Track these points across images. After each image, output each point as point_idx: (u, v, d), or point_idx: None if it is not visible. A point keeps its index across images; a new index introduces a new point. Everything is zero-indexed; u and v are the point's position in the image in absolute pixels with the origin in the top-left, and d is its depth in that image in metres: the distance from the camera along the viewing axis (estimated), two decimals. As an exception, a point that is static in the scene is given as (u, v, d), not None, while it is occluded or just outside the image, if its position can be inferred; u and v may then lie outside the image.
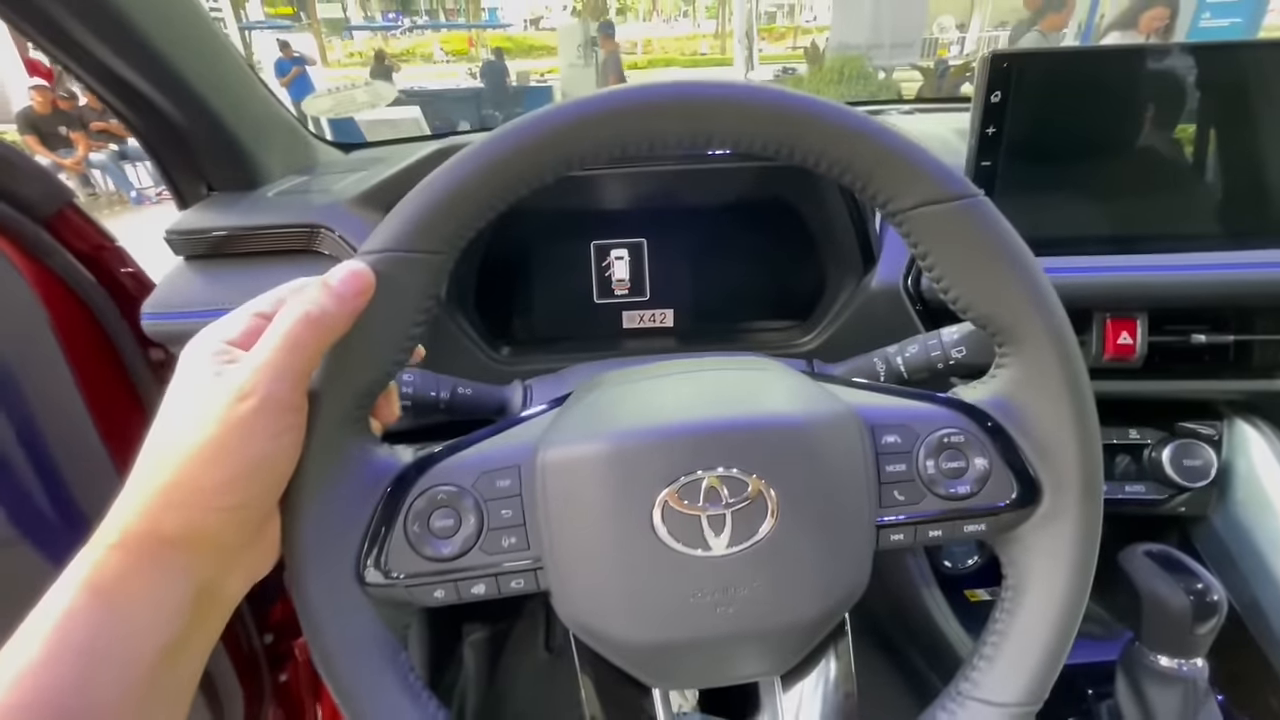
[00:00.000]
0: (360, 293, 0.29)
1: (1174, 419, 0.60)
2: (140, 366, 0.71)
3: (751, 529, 0.30)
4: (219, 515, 0.27)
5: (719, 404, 0.32)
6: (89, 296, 0.65)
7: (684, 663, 0.32)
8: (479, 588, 0.32)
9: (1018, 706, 0.33)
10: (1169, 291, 0.53)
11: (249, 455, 0.27)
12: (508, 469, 0.32)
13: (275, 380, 0.27)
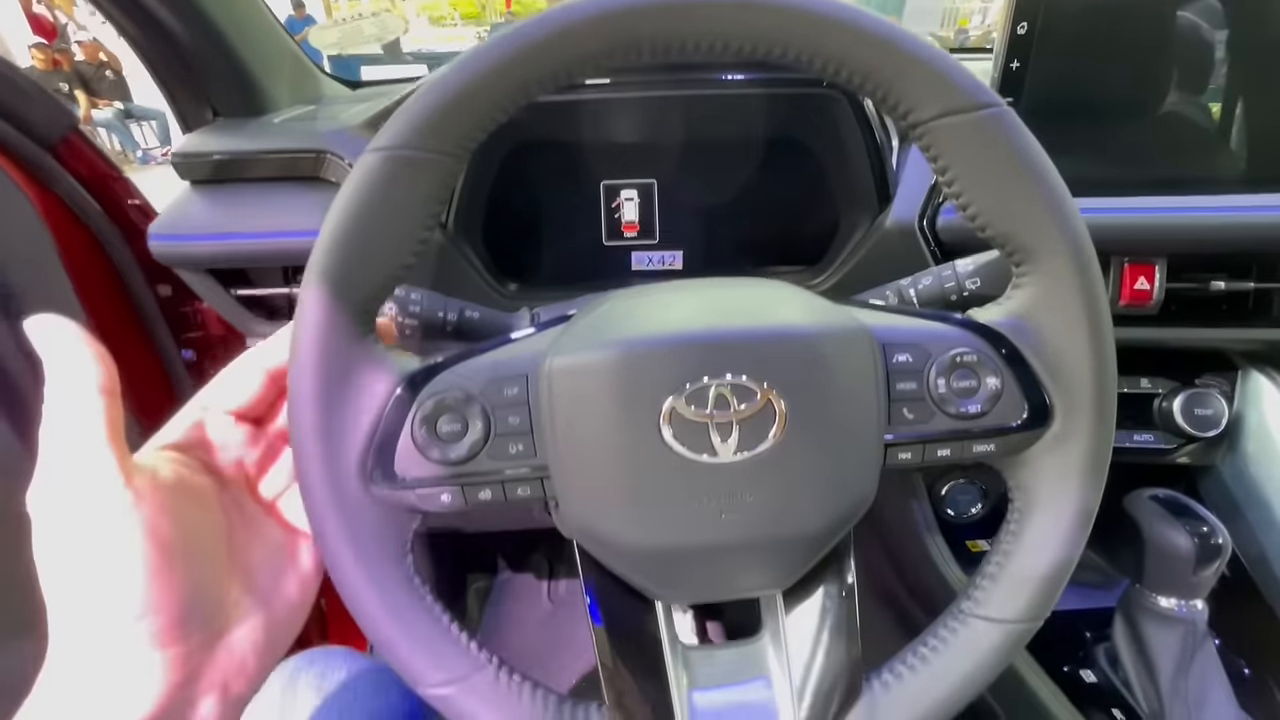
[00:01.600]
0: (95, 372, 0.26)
1: (1187, 369, 0.60)
2: (148, 301, 0.71)
3: (759, 437, 0.30)
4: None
5: (730, 314, 0.31)
6: (96, 225, 0.64)
7: (688, 571, 0.33)
8: (486, 493, 0.32)
9: (1019, 623, 0.33)
10: (1190, 235, 0.52)
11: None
12: (516, 377, 0.32)
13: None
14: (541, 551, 1.20)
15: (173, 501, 0.27)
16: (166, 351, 0.75)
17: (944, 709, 0.33)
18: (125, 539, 0.25)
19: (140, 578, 0.25)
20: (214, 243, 0.50)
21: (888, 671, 0.34)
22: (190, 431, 0.32)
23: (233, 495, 0.33)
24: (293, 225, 0.50)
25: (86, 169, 0.63)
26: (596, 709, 0.34)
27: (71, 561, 0.24)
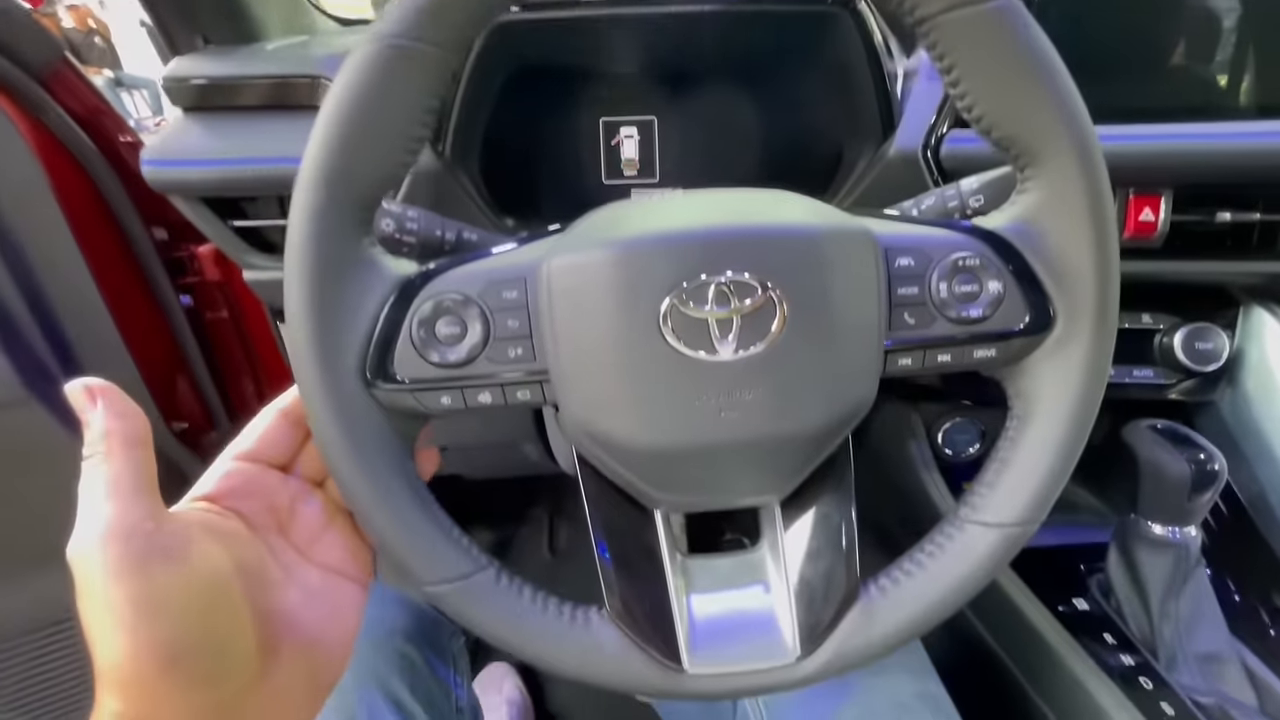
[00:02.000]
0: (118, 416, 0.28)
1: (1188, 305, 0.59)
2: (144, 243, 0.71)
3: (758, 334, 0.30)
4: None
5: (732, 213, 0.31)
6: (88, 161, 0.64)
7: (687, 473, 0.33)
8: (485, 396, 0.32)
9: (1015, 526, 0.33)
10: (1199, 163, 0.51)
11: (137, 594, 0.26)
12: (514, 280, 0.32)
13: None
14: (542, 504, 1.21)
15: (203, 551, 0.28)
16: (164, 296, 0.75)
17: (939, 611, 0.34)
18: (160, 587, 0.26)
19: (175, 625, 0.26)
20: (208, 169, 0.49)
21: (884, 577, 0.35)
22: (220, 482, 0.33)
23: (266, 542, 0.33)
24: (288, 152, 0.49)
25: (77, 102, 0.62)
26: (596, 612, 0.34)
27: (111, 609, 0.25)
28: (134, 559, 0.25)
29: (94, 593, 0.25)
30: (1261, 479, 0.55)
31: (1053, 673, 0.49)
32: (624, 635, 0.33)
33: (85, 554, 0.25)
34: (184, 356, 0.78)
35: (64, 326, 0.63)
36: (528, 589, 0.34)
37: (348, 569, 0.35)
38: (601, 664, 0.33)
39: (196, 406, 0.81)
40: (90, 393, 0.28)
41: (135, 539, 0.26)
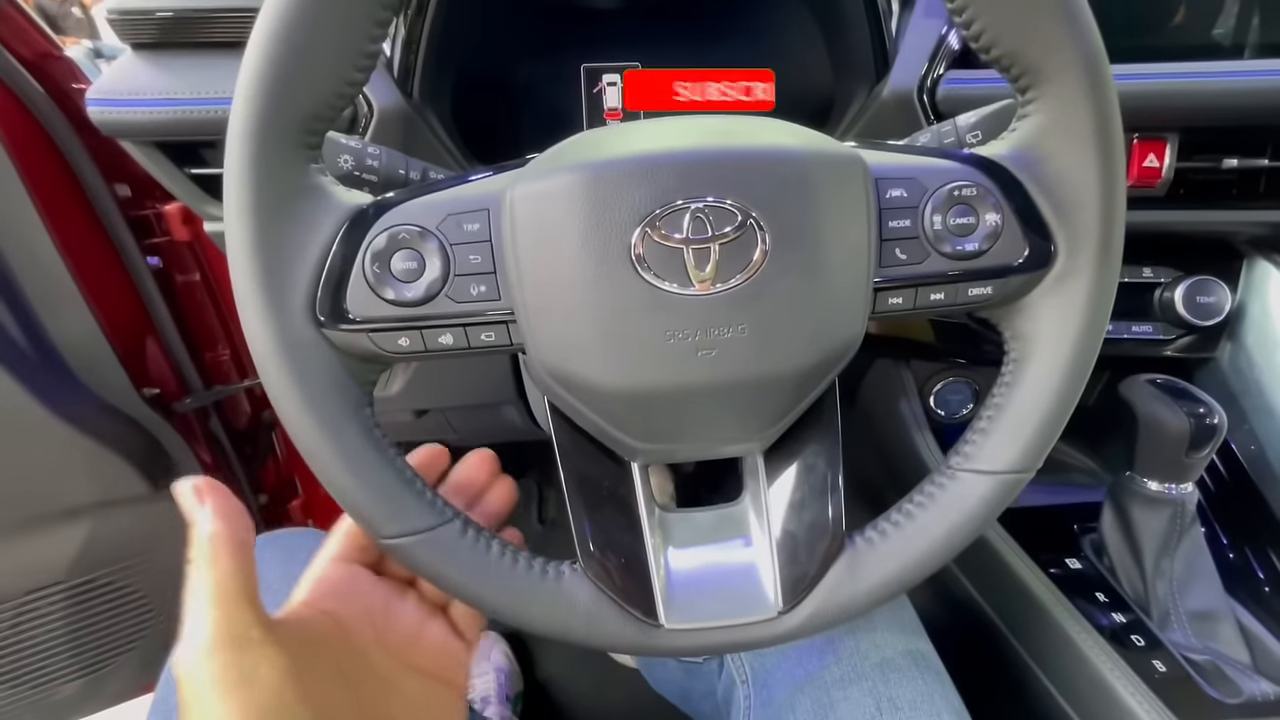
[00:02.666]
0: (225, 515, 0.27)
1: (1190, 259, 0.58)
2: (105, 199, 0.68)
3: (738, 266, 0.27)
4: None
5: (712, 136, 0.29)
6: (41, 112, 0.60)
7: (662, 419, 0.31)
8: (446, 337, 0.30)
9: (1010, 473, 0.31)
10: (1207, 103, 0.49)
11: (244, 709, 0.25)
12: (476, 212, 0.29)
13: (214, 618, 0.25)
14: (530, 473, 1.20)
15: (309, 660, 0.28)
16: (129, 255, 0.72)
17: (927, 564, 0.32)
18: (269, 698, 0.25)
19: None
20: (161, 109, 0.46)
21: (870, 530, 0.33)
22: (316, 587, 0.33)
23: (364, 649, 0.33)
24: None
25: (24, 45, 0.58)
26: (569, 566, 0.33)
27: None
28: (242, 670, 0.25)
29: (203, 706, 0.24)
30: (1260, 435, 0.53)
31: (1044, 631, 0.48)
32: (597, 590, 0.32)
33: (193, 667, 0.24)
34: (153, 319, 0.76)
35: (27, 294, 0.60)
36: (495, 543, 0.32)
37: (445, 673, 0.35)
38: (572, 619, 0.31)
39: (168, 371, 0.79)
40: (199, 491, 0.27)
41: (243, 649, 0.25)
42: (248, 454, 0.94)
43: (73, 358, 0.65)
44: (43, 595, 0.71)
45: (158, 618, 0.79)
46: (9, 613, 0.70)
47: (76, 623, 0.74)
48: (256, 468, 0.96)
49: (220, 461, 0.86)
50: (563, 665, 1.02)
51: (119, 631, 0.78)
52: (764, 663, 0.45)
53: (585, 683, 1.01)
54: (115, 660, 0.79)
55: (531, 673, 1.00)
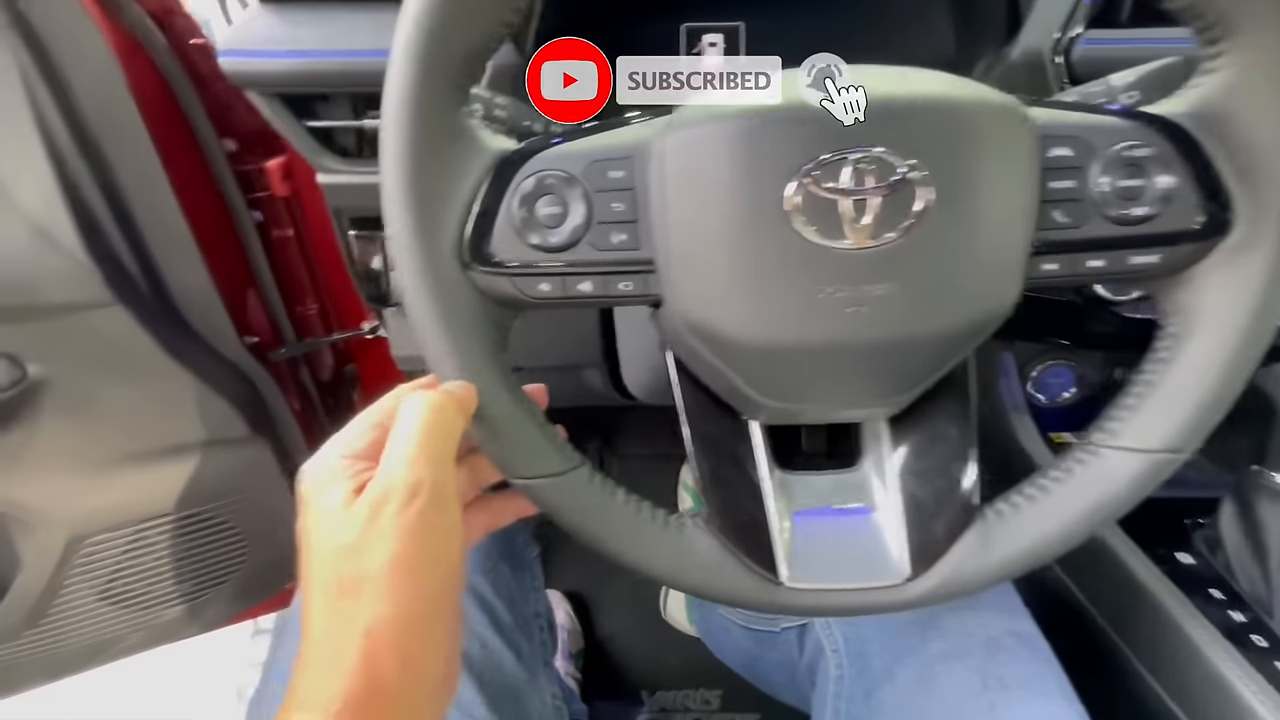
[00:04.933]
0: (472, 399, 0.29)
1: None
2: (217, 152, 0.70)
3: (895, 221, 0.26)
4: (434, 646, 0.24)
5: (876, 83, 0.28)
6: (163, 64, 0.63)
7: (797, 376, 0.30)
8: (586, 285, 0.30)
9: (1163, 452, 0.30)
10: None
11: (438, 560, 0.25)
12: (621, 160, 0.29)
13: (434, 469, 0.25)
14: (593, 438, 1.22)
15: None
16: (237, 210, 0.75)
17: (1064, 540, 0.31)
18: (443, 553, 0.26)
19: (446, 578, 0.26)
20: (290, 60, 0.47)
21: (1001, 502, 0.32)
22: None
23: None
24: (373, 44, 0.47)
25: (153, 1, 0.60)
26: (691, 519, 0.33)
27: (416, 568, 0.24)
28: (437, 524, 0.25)
29: (382, 547, 0.24)
30: None
31: (1151, 625, 0.46)
32: (719, 543, 0.32)
33: (389, 506, 0.24)
34: (254, 272, 0.79)
35: (145, 233, 0.63)
36: (620, 491, 0.32)
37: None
38: (694, 569, 0.32)
39: (265, 322, 0.82)
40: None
41: (445, 506, 0.26)
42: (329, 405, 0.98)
43: (185, 303, 0.69)
44: (153, 525, 0.76)
45: (251, 553, 0.84)
46: (125, 539, 0.75)
47: (181, 553, 0.79)
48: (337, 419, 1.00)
49: (308, 410, 0.90)
50: (620, 627, 1.04)
51: (217, 563, 0.83)
52: (859, 633, 0.45)
53: (642, 645, 1.02)
54: (212, 590, 0.84)
55: (591, 632, 1.02)
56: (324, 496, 0.25)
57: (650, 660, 1.00)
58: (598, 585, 1.07)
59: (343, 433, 0.28)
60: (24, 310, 0.59)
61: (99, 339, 0.62)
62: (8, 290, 0.57)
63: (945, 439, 0.33)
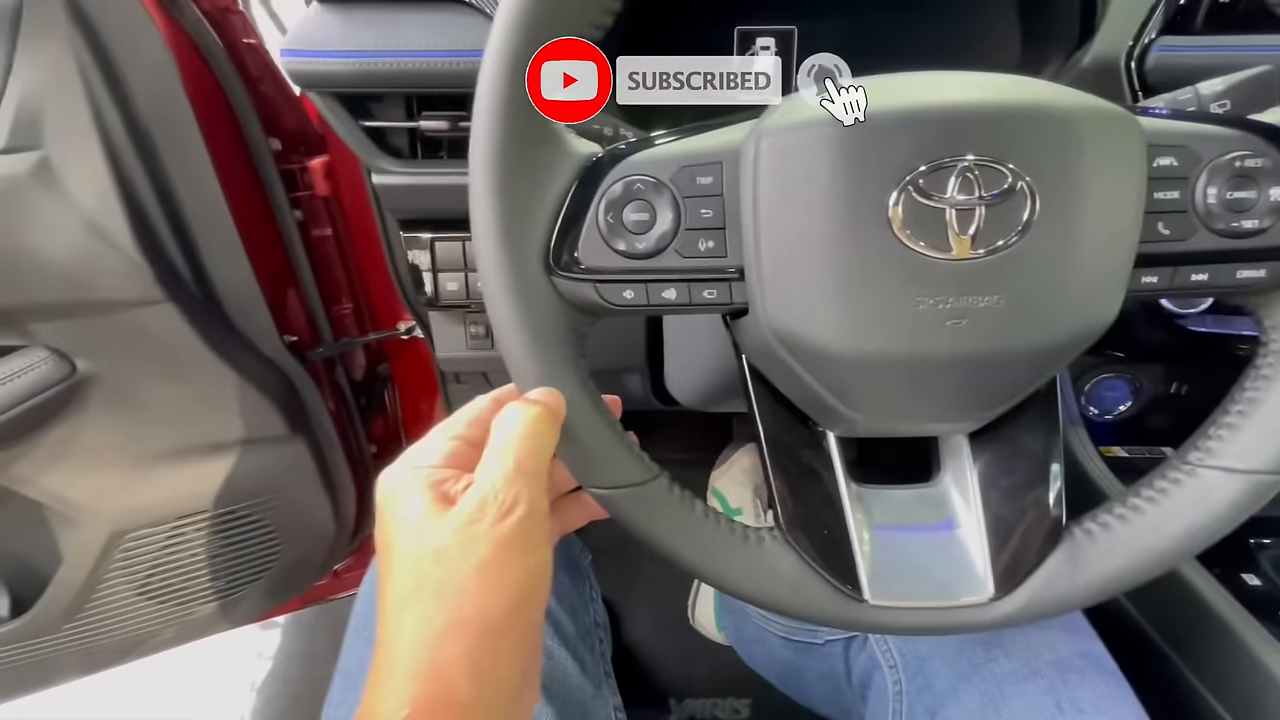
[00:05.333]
0: (561, 407, 0.28)
1: None
2: (264, 152, 0.71)
3: (1002, 231, 0.26)
4: (509, 656, 0.24)
5: (978, 90, 0.27)
6: (216, 63, 0.63)
7: (886, 389, 0.30)
8: (670, 292, 0.30)
9: (1270, 474, 0.29)
10: None
11: (525, 574, 0.24)
12: (710, 165, 0.29)
13: (531, 486, 0.25)
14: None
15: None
16: (280, 209, 0.75)
17: (1159, 563, 0.30)
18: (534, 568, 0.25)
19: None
20: (349, 61, 0.47)
21: (1090, 521, 0.31)
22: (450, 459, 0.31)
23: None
24: (431, 44, 0.47)
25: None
26: (769, 532, 0.32)
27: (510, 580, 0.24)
28: (530, 538, 0.25)
29: (470, 558, 0.23)
30: None
31: (1221, 650, 0.45)
32: (800, 558, 0.31)
33: (483, 521, 0.24)
34: (295, 270, 0.79)
35: (195, 234, 0.63)
36: (699, 503, 0.32)
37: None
38: (774, 586, 0.31)
39: (304, 321, 0.83)
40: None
41: (537, 521, 0.25)
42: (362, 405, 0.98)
43: (229, 301, 0.69)
44: (191, 521, 0.76)
45: (285, 550, 0.84)
46: (164, 535, 0.75)
47: (216, 550, 0.79)
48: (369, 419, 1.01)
49: (342, 410, 0.90)
50: (647, 633, 1.03)
51: (251, 561, 0.83)
52: (916, 649, 0.44)
53: (670, 651, 1.02)
54: (246, 587, 0.84)
55: (618, 638, 1.02)
56: (407, 503, 0.25)
57: (677, 668, 0.99)
58: (625, 591, 1.06)
59: (423, 443, 0.28)
60: (75, 306, 0.59)
61: (146, 336, 0.63)
62: (61, 286, 0.57)
63: (1030, 454, 0.33)
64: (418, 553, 0.23)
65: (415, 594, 0.23)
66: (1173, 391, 0.63)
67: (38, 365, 0.61)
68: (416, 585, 0.23)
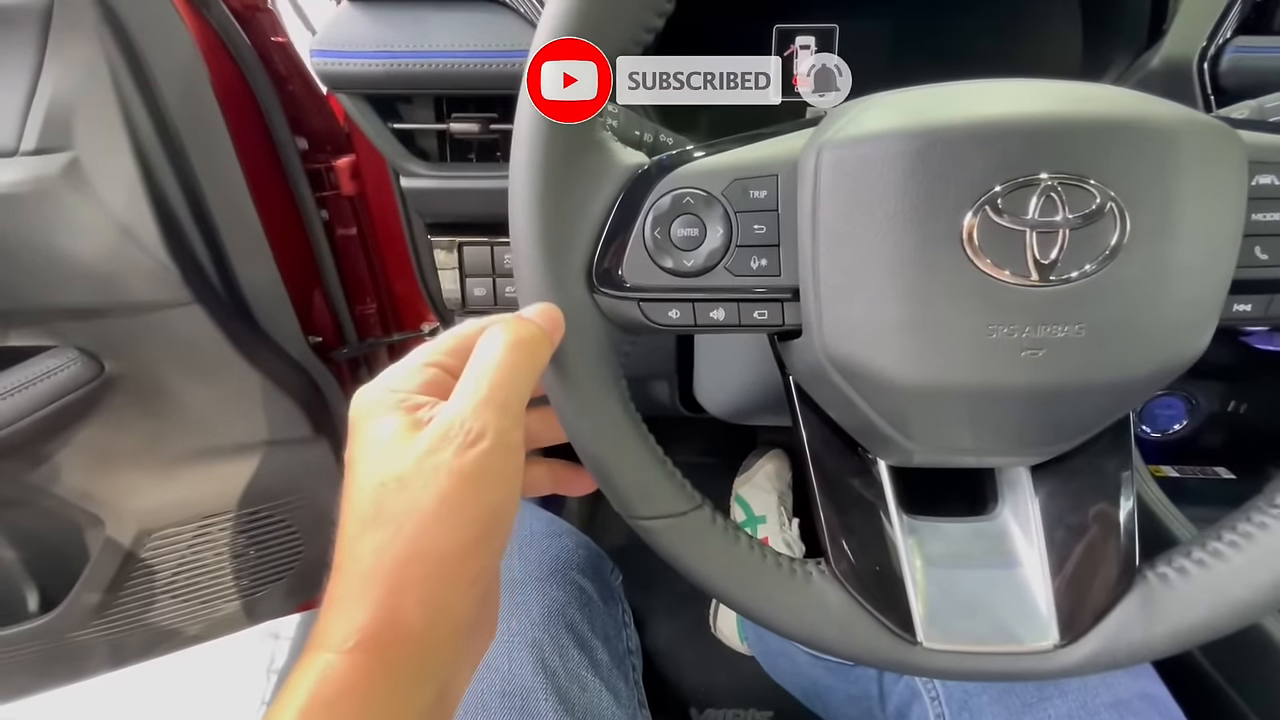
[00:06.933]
0: (558, 327, 0.26)
1: None
2: (291, 151, 0.70)
3: (1087, 256, 0.24)
4: (463, 590, 0.23)
5: (1061, 101, 0.25)
6: (244, 62, 0.62)
7: (948, 421, 0.27)
8: (719, 312, 0.28)
9: None
10: None
11: (486, 509, 0.23)
12: (764, 178, 0.27)
13: (502, 417, 0.23)
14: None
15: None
16: (307, 210, 0.74)
17: (1245, 613, 0.27)
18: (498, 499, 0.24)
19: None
20: (380, 61, 0.46)
21: (1164, 565, 0.29)
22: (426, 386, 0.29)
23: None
24: (463, 44, 0.46)
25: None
26: (816, 567, 0.30)
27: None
28: (499, 470, 0.23)
29: (430, 486, 0.22)
30: None
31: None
32: (849, 596, 0.29)
33: (446, 447, 0.22)
34: (320, 270, 0.79)
35: (219, 231, 0.63)
36: (744, 535, 0.30)
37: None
38: (821, 625, 0.29)
39: (329, 322, 0.82)
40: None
41: (510, 453, 0.24)
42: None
43: (256, 302, 0.68)
44: (215, 522, 0.76)
45: (307, 550, 0.84)
46: (189, 535, 0.76)
47: (241, 549, 0.79)
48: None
49: (365, 410, 0.90)
50: (668, 642, 1.02)
51: (274, 561, 0.83)
52: (962, 682, 0.42)
53: (691, 661, 1.00)
54: (268, 586, 0.85)
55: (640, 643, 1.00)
56: (377, 425, 0.23)
57: (699, 677, 0.98)
58: (645, 598, 1.05)
59: (400, 365, 0.26)
60: (104, 308, 0.59)
61: (174, 337, 0.62)
62: (90, 287, 0.57)
63: (1099, 488, 0.30)
64: (380, 479, 0.22)
65: (375, 521, 0.22)
66: (1230, 410, 0.60)
67: (67, 366, 0.61)
68: (376, 512, 0.22)
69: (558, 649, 0.39)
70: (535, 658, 0.39)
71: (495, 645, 0.39)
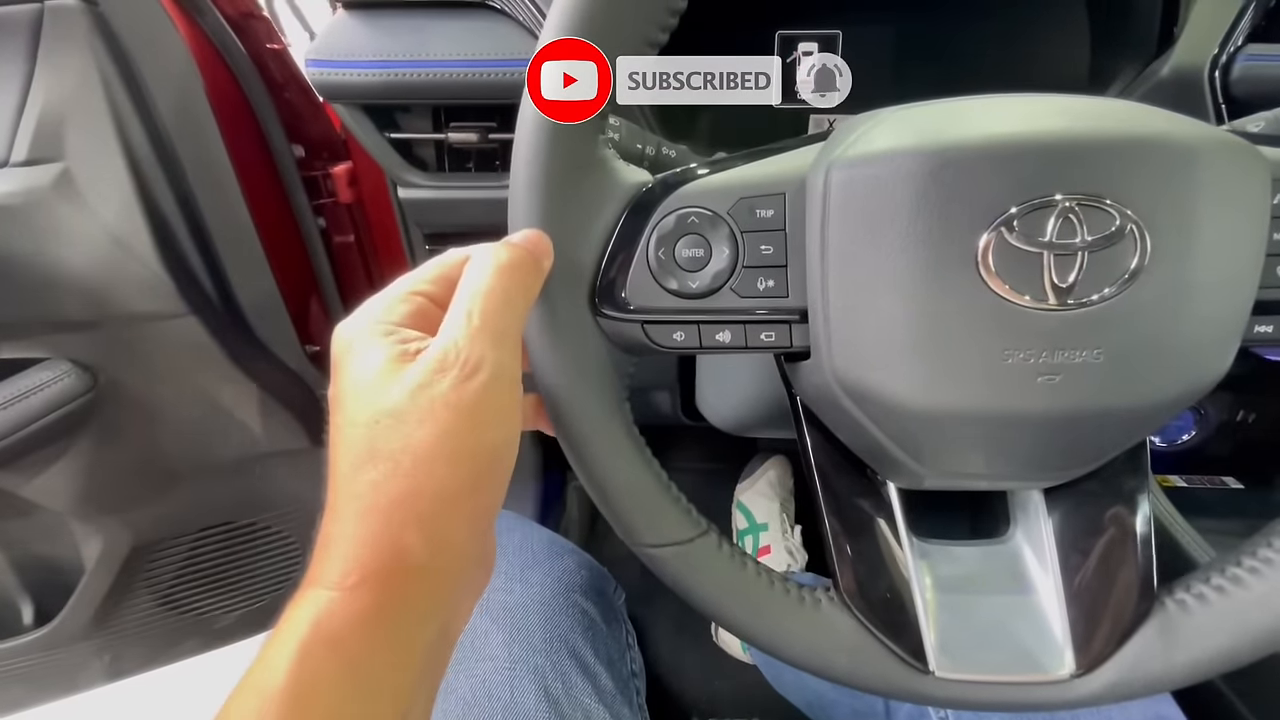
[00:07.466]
0: (546, 252, 0.25)
1: None
2: (287, 158, 0.69)
3: (1106, 279, 0.23)
4: (466, 526, 0.22)
5: (1080, 119, 0.24)
6: (239, 69, 0.61)
7: (960, 445, 0.27)
8: (725, 335, 0.27)
9: None
10: None
11: (485, 446, 0.22)
12: (771, 197, 0.26)
13: (498, 347, 0.22)
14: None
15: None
16: (304, 218, 0.74)
17: (1270, 642, 0.27)
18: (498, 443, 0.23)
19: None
20: (375, 71, 0.45)
21: (1183, 591, 0.28)
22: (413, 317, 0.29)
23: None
24: (459, 54, 0.45)
25: (231, 5, 0.59)
26: (824, 593, 0.30)
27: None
28: (503, 406, 0.23)
29: (429, 422, 0.21)
30: None
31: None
32: (859, 624, 0.29)
33: (448, 381, 0.21)
34: (317, 278, 0.78)
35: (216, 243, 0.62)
36: (750, 561, 0.29)
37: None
38: (830, 653, 0.29)
39: (327, 331, 0.81)
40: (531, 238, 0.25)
41: (513, 386, 0.23)
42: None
43: (252, 312, 0.68)
44: (212, 534, 0.76)
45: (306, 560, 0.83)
46: (185, 546, 0.75)
47: (238, 561, 0.79)
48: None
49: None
50: (669, 650, 1.01)
51: (272, 571, 0.82)
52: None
53: (692, 670, 0.99)
54: (267, 597, 0.84)
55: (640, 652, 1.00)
56: (363, 360, 0.22)
57: (701, 687, 0.97)
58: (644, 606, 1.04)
59: (383, 296, 0.24)
60: (99, 320, 0.58)
61: (169, 349, 0.62)
62: (85, 300, 0.56)
63: (1115, 511, 0.30)
64: (373, 414, 0.21)
65: (370, 459, 0.21)
66: (1238, 420, 0.59)
67: (61, 378, 0.60)
68: (370, 449, 0.21)
69: (560, 676, 0.38)
70: (538, 685, 0.38)
71: (497, 673, 0.38)
